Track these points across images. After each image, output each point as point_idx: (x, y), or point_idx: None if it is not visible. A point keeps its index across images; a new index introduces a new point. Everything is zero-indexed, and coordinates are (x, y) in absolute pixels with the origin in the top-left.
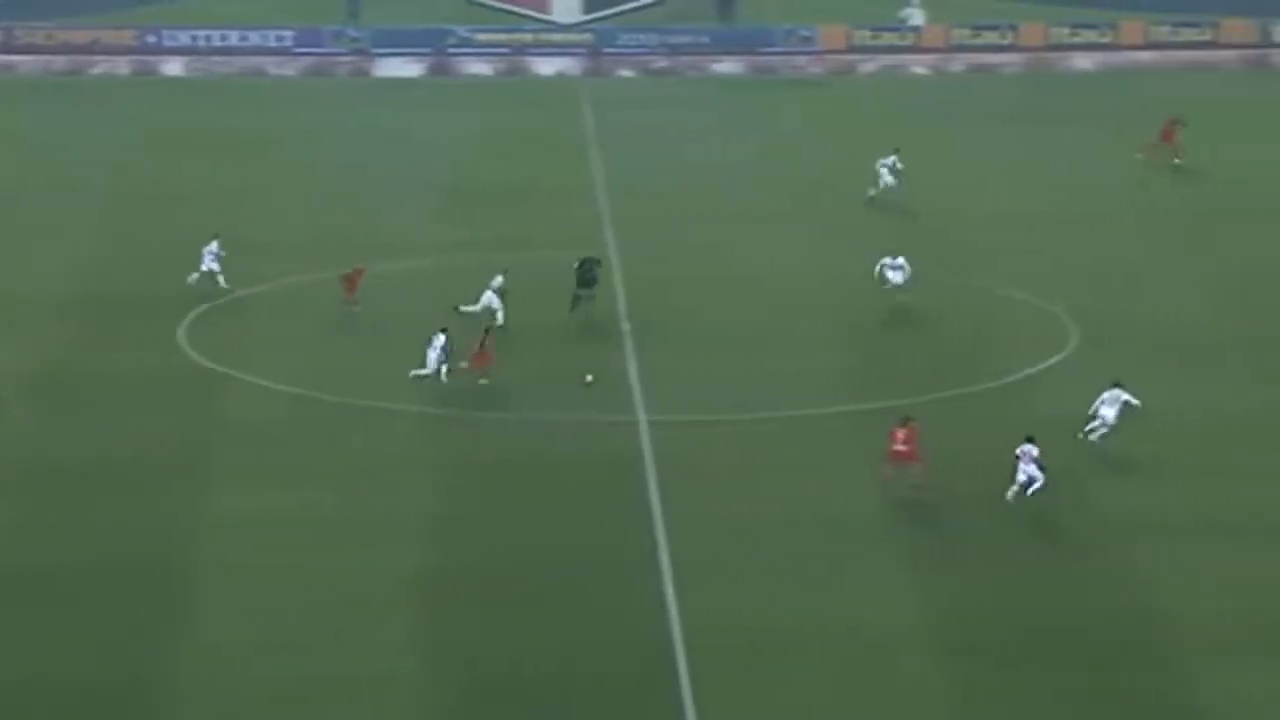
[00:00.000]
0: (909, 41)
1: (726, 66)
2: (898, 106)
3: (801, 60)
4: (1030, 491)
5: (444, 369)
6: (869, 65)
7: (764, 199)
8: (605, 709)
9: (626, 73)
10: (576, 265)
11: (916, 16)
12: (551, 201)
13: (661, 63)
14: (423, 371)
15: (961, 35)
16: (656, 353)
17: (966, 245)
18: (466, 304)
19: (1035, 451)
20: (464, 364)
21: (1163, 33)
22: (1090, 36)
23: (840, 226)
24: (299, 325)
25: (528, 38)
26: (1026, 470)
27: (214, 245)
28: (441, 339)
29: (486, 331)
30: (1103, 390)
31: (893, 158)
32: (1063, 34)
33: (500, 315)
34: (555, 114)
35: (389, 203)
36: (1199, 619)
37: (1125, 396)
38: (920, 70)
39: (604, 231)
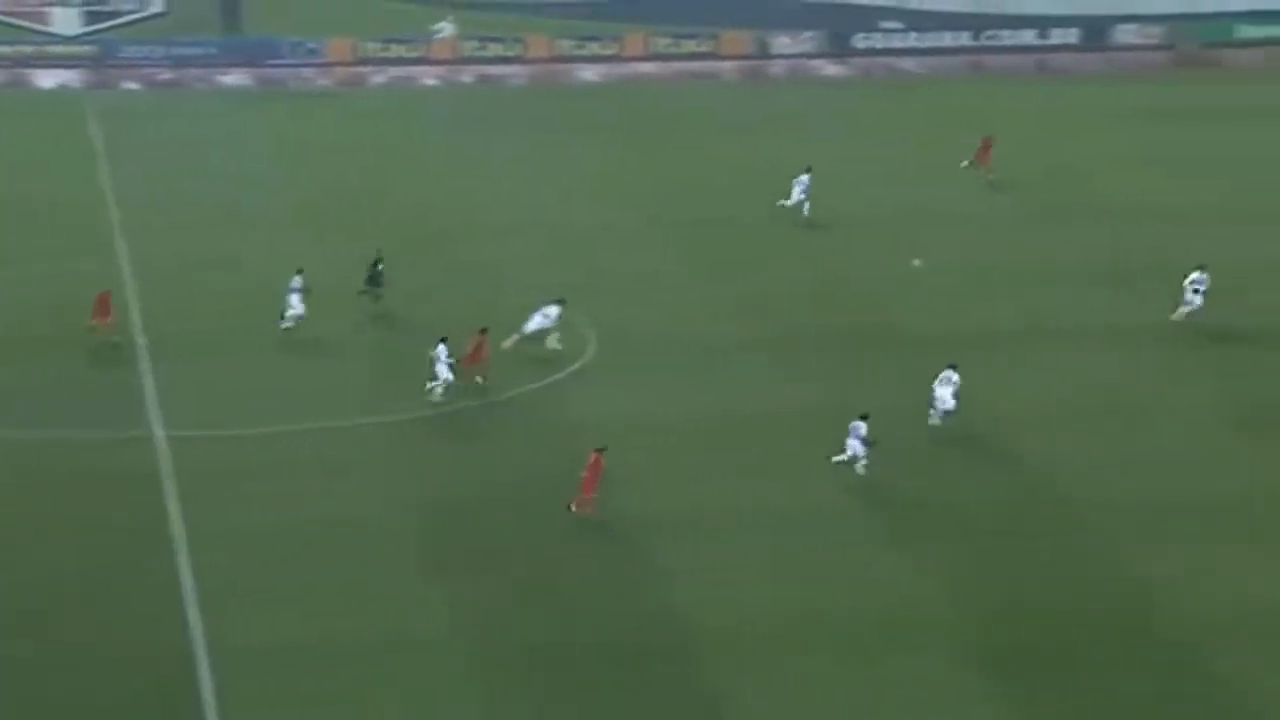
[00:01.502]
0: (418, 54)
1: (233, 79)
2: (407, 118)
3: (309, 72)
4: (856, 466)
5: (449, 378)
6: (379, 77)
7: (274, 209)
8: None
9: (132, 85)
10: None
11: (448, 29)
12: (61, 214)
13: (167, 75)
14: (437, 383)
15: (470, 47)
16: (174, 366)
17: (483, 256)
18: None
19: (864, 429)
20: (479, 378)
21: (664, 44)
22: (595, 49)
23: (351, 235)
24: None
25: (28, 50)
26: (852, 445)
27: None
28: (443, 349)
29: (482, 332)
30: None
31: (806, 176)
32: (568, 46)
33: (300, 316)
34: (61, 127)
35: None
36: (722, 616)
37: (955, 378)
38: (430, 82)
39: (116, 243)
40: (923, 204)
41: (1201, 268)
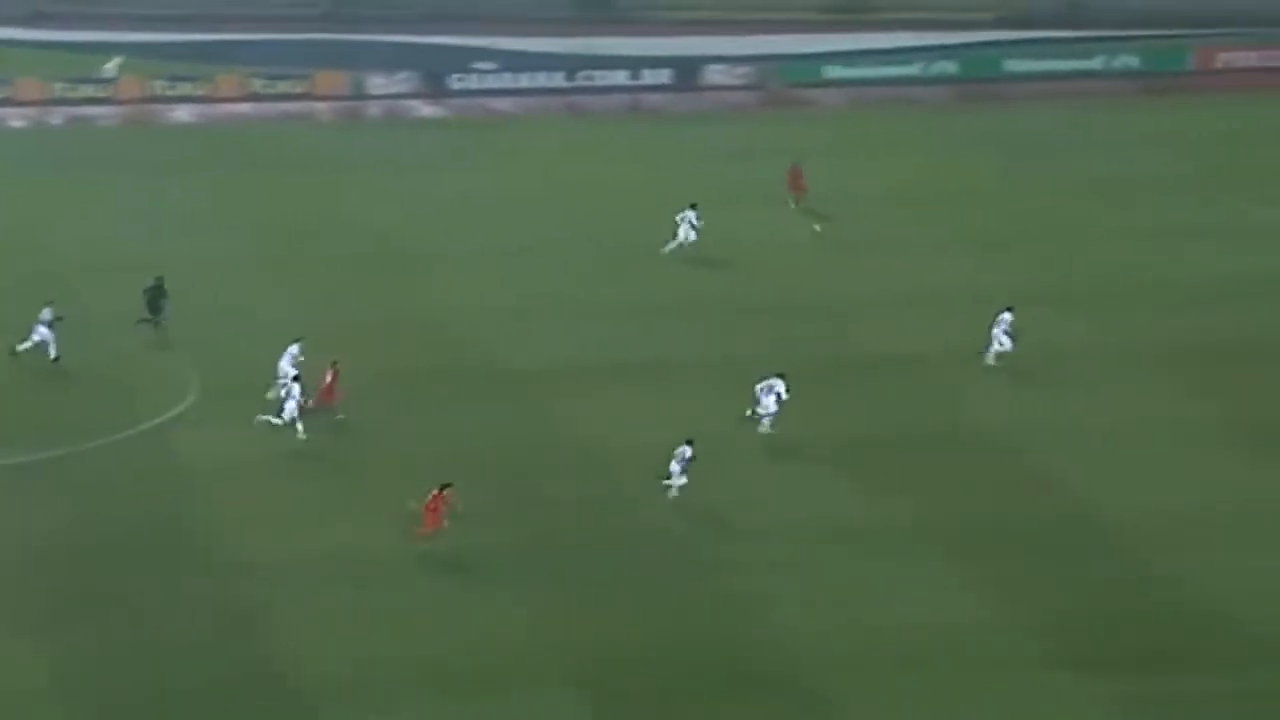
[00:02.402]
0: (3, 96)
1: None
2: None
3: None
4: (671, 490)
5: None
6: None
7: None
8: None
9: None
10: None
11: (113, 70)
12: None
13: None
14: (275, 420)
15: (59, 89)
16: None
17: (89, 297)
18: (21, 343)
19: (688, 453)
20: (309, 402)
21: (259, 85)
22: (188, 89)
23: None
24: None
25: None
26: (674, 469)
27: None
28: (296, 387)
29: (333, 365)
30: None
31: (691, 212)
32: (160, 87)
33: (52, 348)
34: None
35: None
36: (324, 662)
37: (779, 387)
38: (17, 124)
39: None
40: (518, 241)
41: (1009, 309)
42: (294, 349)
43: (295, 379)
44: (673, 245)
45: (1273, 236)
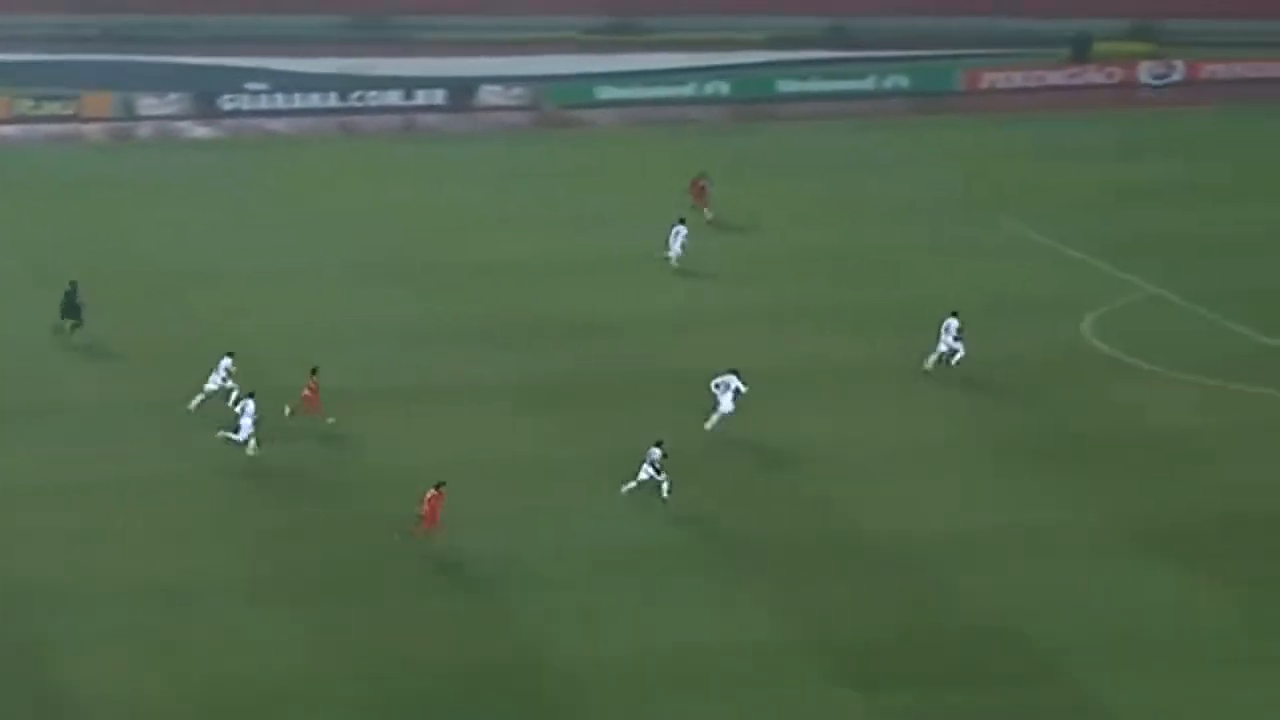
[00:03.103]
0: None
1: None
2: None
3: None
4: (661, 491)
5: (253, 440)
6: None
7: None
8: None
9: None
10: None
11: None
12: None
13: None
14: (234, 436)
15: None
16: None
17: None
18: None
19: (657, 454)
20: (287, 410)
21: (27, 106)
22: None
23: None
24: None
25: None
26: (648, 470)
27: None
28: (251, 405)
29: (313, 373)
30: None
31: (682, 228)
32: None
33: None
34: None
35: None
36: (107, 686)
37: (736, 384)
38: None
39: None
40: (293, 262)
41: (955, 314)
42: (227, 362)
43: (250, 395)
44: (674, 263)
45: (1039, 256)
